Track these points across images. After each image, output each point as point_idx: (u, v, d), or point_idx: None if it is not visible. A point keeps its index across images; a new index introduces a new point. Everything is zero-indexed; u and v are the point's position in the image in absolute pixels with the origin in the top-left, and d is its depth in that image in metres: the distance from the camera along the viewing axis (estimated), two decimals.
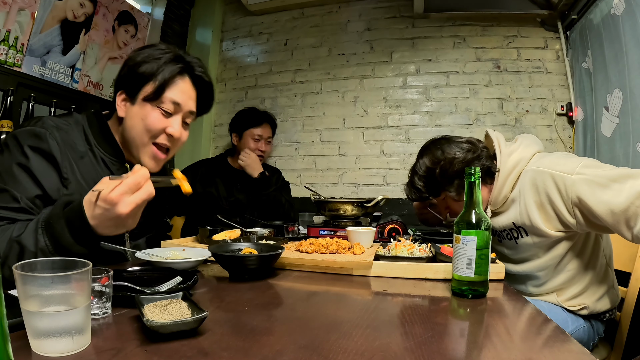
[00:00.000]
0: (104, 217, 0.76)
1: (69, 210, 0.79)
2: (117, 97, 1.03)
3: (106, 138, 1.04)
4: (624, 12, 1.65)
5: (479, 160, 1.17)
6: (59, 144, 0.94)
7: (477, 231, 0.81)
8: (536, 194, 1.09)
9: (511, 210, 1.17)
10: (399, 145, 2.51)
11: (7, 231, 0.81)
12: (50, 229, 0.78)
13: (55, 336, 0.47)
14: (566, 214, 1.05)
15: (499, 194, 1.18)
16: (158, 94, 1.01)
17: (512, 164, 1.16)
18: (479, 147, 1.20)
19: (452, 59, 2.46)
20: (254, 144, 2.24)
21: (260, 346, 0.53)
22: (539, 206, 1.09)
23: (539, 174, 1.09)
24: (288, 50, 2.75)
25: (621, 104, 1.70)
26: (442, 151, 1.20)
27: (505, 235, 1.21)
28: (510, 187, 1.16)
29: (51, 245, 0.77)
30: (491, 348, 0.55)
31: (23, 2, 1.73)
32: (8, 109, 1.68)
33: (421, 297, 0.83)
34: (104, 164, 1.03)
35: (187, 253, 1.06)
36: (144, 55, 1.02)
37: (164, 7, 2.63)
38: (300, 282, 0.96)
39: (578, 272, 1.16)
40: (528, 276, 1.22)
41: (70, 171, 0.95)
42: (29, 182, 0.89)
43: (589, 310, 1.17)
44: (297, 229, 1.63)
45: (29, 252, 0.77)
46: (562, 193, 1.03)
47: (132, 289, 0.70)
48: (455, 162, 1.17)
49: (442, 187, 1.21)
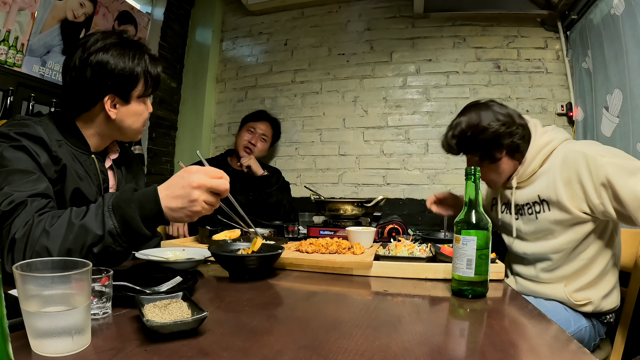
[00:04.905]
0: (177, 184, 0.80)
1: (141, 194, 0.81)
2: (105, 102, 1.02)
3: (72, 134, 1.05)
4: (624, 12, 1.65)
5: (510, 136, 1.20)
6: (44, 129, 0.95)
7: (477, 231, 0.81)
8: (566, 171, 1.13)
9: (538, 184, 1.21)
10: (399, 145, 2.51)
11: (62, 216, 0.81)
12: (119, 211, 0.79)
13: (55, 336, 0.47)
14: (592, 194, 1.08)
15: (527, 166, 1.22)
16: (151, 89, 1.09)
17: (545, 141, 1.21)
18: (516, 123, 1.22)
19: (452, 59, 2.46)
20: (246, 135, 2.24)
21: (260, 346, 0.53)
22: (567, 182, 1.12)
23: (571, 152, 1.13)
24: (288, 50, 2.75)
25: (621, 104, 1.70)
26: (479, 116, 1.23)
27: (527, 209, 1.24)
28: (539, 163, 1.20)
29: (120, 227, 0.79)
30: (491, 348, 0.55)
31: (23, 2, 1.72)
32: (8, 109, 1.68)
33: (421, 297, 0.83)
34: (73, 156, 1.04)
35: (187, 253, 1.06)
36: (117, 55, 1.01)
37: (164, 7, 2.63)
38: (300, 282, 0.96)
39: (590, 262, 1.18)
40: (541, 258, 1.24)
41: (59, 151, 0.97)
42: (26, 158, 0.90)
43: (594, 307, 1.18)
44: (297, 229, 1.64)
45: (94, 234, 0.78)
46: (592, 172, 1.07)
47: (132, 289, 0.70)
48: (487, 131, 1.20)
49: (469, 150, 1.26)
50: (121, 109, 1.05)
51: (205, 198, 0.80)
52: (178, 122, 2.87)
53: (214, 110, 2.91)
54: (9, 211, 0.81)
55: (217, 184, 0.81)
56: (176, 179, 0.81)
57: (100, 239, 0.78)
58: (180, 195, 0.79)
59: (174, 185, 0.81)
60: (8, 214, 0.81)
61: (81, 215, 0.80)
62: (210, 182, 0.80)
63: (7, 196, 0.81)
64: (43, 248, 0.77)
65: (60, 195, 0.96)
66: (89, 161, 1.06)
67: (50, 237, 0.77)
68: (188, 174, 0.80)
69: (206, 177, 0.80)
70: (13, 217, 0.80)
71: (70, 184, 0.97)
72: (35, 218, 0.80)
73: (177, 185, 0.80)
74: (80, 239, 0.78)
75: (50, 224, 0.79)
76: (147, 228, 0.81)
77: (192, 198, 0.79)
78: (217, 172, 0.82)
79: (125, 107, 1.06)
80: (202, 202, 0.80)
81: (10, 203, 0.81)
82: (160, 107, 2.68)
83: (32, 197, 0.84)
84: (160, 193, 0.81)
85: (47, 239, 0.77)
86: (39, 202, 0.84)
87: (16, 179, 0.85)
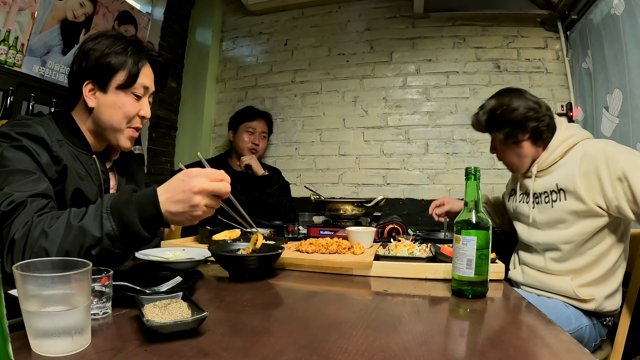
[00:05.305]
0: (178, 188, 0.79)
1: (140, 196, 0.80)
2: (84, 87, 1.03)
3: (74, 132, 1.05)
4: (624, 12, 1.65)
5: (537, 122, 1.27)
6: (45, 130, 0.95)
7: (477, 231, 0.81)
8: (585, 164, 1.18)
9: (557, 173, 1.26)
10: (399, 145, 2.51)
11: (61, 217, 0.80)
12: (118, 213, 0.78)
13: (55, 336, 0.47)
14: (608, 187, 1.12)
15: (549, 155, 1.28)
16: (132, 81, 1.05)
17: (568, 135, 1.27)
18: (544, 112, 1.29)
19: (452, 59, 2.46)
20: (247, 137, 2.24)
21: (260, 346, 0.53)
22: (585, 175, 1.17)
23: (591, 148, 1.19)
24: (288, 50, 2.75)
25: (621, 104, 1.70)
26: (510, 99, 1.30)
27: (544, 198, 1.30)
28: (560, 154, 1.26)
29: (118, 230, 0.78)
30: (491, 348, 0.55)
31: (23, 2, 1.72)
32: (8, 109, 1.68)
33: (421, 297, 0.83)
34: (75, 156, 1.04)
35: (187, 253, 1.06)
36: (106, 44, 1.03)
37: (164, 7, 2.63)
38: (300, 282, 0.96)
39: (598, 260, 1.21)
40: (551, 248, 1.27)
41: (60, 150, 0.97)
42: (27, 158, 0.90)
43: (596, 305, 1.20)
44: (297, 229, 1.64)
45: (93, 236, 0.77)
46: (610, 166, 1.12)
47: (132, 289, 0.70)
48: (515, 112, 1.27)
49: (496, 127, 1.33)
50: (99, 98, 1.04)
51: (206, 202, 0.79)
52: (178, 122, 2.87)
53: (214, 110, 2.91)
54: (9, 211, 0.81)
55: (218, 187, 0.79)
56: (176, 183, 0.80)
57: (99, 241, 0.78)
58: (181, 199, 0.78)
59: (175, 189, 0.79)
60: (8, 214, 0.81)
61: (80, 217, 0.80)
62: (212, 186, 0.79)
63: (8, 196, 0.81)
64: (42, 249, 0.77)
65: (61, 195, 0.95)
66: (90, 161, 1.06)
67: (49, 239, 0.77)
68: (189, 178, 0.78)
69: (207, 182, 0.78)
70: (13, 217, 0.80)
71: (71, 184, 0.97)
72: (35, 219, 0.80)
73: (177, 189, 0.79)
74: (78, 240, 0.78)
75: (49, 225, 0.79)
76: (147, 230, 0.80)
77: (193, 203, 0.78)
78: (218, 174, 0.80)
79: (103, 97, 1.04)
80: (203, 207, 0.79)
81: (10, 203, 0.81)
82: (160, 107, 2.68)
83: (32, 198, 0.83)
84: (160, 196, 0.79)
85: (46, 241, 0.77)
86: (38, 203, 0.84)
87: (16, 179, 0.85)
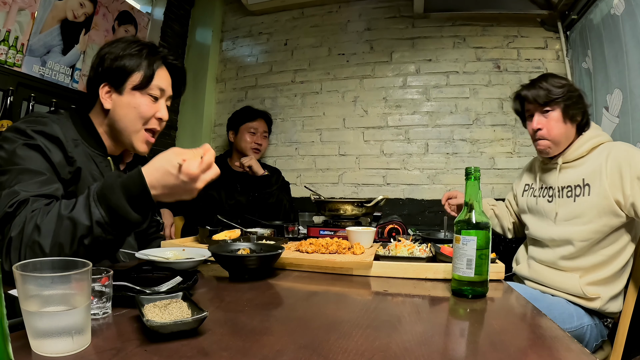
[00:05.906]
0: (180, 188, 0.82)
1: (126, 179, 0.81)
2: (100, 89, 1.04)
3: (90, 133, 1.06)
4: (624, 12, 1.65)
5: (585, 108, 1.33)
6: (61, 128, 0.96)
7: (477, 231, 0.81)
8: (611, 161, 1.22)
9: (583, 168, 1.29)
10: (399, 145, 2.51)
11: (51, 210, 0.81)
12: (104, 200, 0.79)
13: (55, 336, 0.47)
14: (627, 184, 1.17)
15: (575, 149, 1.32)
16: (147, 82, 1.06)
17: (594, 133, 1.32)
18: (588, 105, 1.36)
19: (452, 59, 2.46)
20: (250, 138, 2.25)
21: (260, 346, 0.53)
22: (610, 171, 1.22)
23: (616, 147, 1.25)
24: (288, 50, 2.75)
25: (621, 104, 1.70)
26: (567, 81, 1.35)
27: (566, 192, 1.31)
28: (586, 150, 1.30)
29: (107, 216, 0.79)
30: (491, 348, 0.55)
31: (23, 2, 1.72)
32: (8, 109, 1.68)
33: (421, 297, 0.83)
34: (90, 157, 1.04)
35: (187, 253, 1.06)
36: (121, 47, 1.05)
37: (164, 7, 2.63)
38: (300, 282, 0.96)
39: (609, 260, 1.23)
40: (565, 244, 1.27)
41: (75, 151, 0.98)
42: (39, 158, 0.90)
43: (601, 304, 1.21)
44: (297, 229, 1.64)
45: (83, 226, 0.78)
46: (632, 165, 1.17)
47: (132, 289, 0.70)
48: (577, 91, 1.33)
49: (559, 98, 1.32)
50: (115, 99, 1.05)
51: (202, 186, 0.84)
52: (178, 122, 2.87)
53: (214, 110, 2.91)
54: (12, 212, 0.81)
55: (213, 176, 0.85)
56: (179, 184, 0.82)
57: (89, 230, 0.78)
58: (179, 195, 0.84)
59: (174, 187, 0.82)
60: (11, 215, 0.81)
61: (70, 208, 0.80)
62: (209, 177, 0.84)
63: (14, 196, 0.82)
64: (35, 244, 0.77)
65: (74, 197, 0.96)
66: (105, 162, 1.07)
67: (41, 233, 0.78)
68: (191, 180, 0.82)
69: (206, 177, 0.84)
70: (14, 217, 0.81)
71: (84, 185, 0.97)
72: (28, 215, 0.80)
73: (179, 189, 0.82)
74: (70, 231, 0.78)
75: (41, 219, 0.79)
76: (136, 211, 0.81)
77: (194, 194, 0.85)
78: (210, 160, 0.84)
79: (119, 98, 1.05)
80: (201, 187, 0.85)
81: (13, 204, 0.81)
82: None
83: (35, 197, 0.84)
84: (155, 190, 0.81)
85: (39, 235, 0.78)
86: (40, 202, 0.84)
87: (26, 178, 0.86)
